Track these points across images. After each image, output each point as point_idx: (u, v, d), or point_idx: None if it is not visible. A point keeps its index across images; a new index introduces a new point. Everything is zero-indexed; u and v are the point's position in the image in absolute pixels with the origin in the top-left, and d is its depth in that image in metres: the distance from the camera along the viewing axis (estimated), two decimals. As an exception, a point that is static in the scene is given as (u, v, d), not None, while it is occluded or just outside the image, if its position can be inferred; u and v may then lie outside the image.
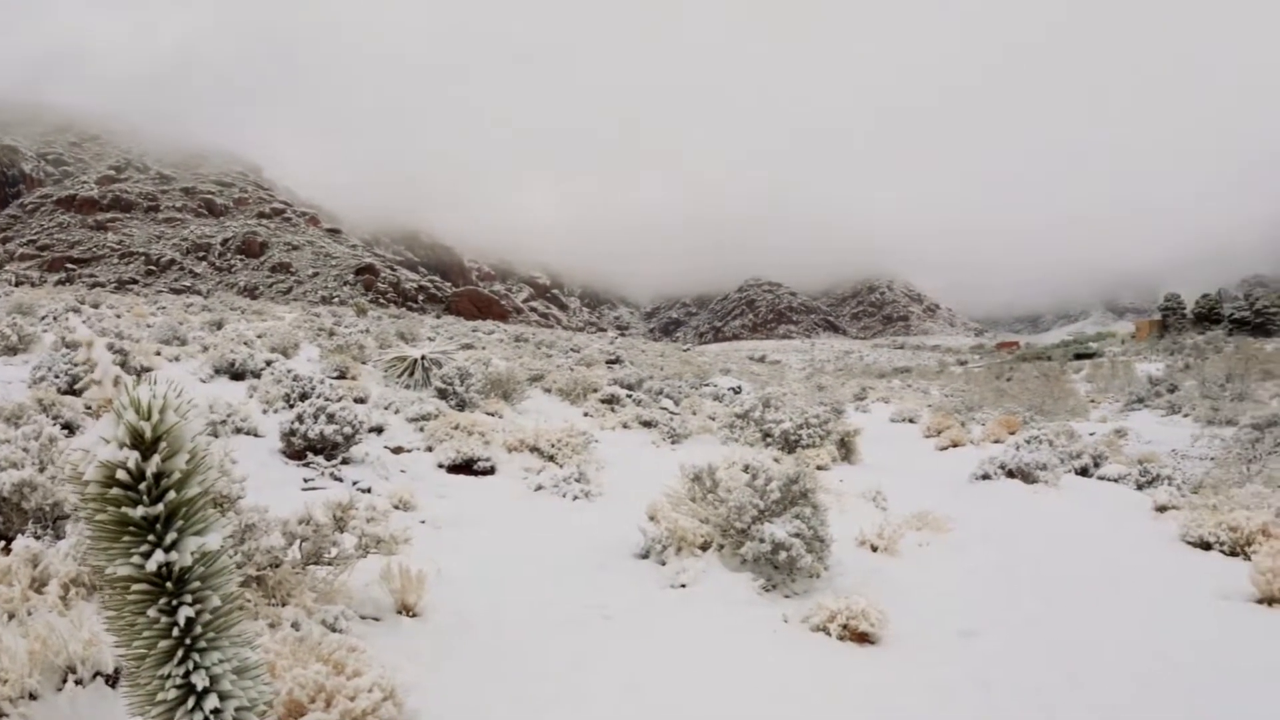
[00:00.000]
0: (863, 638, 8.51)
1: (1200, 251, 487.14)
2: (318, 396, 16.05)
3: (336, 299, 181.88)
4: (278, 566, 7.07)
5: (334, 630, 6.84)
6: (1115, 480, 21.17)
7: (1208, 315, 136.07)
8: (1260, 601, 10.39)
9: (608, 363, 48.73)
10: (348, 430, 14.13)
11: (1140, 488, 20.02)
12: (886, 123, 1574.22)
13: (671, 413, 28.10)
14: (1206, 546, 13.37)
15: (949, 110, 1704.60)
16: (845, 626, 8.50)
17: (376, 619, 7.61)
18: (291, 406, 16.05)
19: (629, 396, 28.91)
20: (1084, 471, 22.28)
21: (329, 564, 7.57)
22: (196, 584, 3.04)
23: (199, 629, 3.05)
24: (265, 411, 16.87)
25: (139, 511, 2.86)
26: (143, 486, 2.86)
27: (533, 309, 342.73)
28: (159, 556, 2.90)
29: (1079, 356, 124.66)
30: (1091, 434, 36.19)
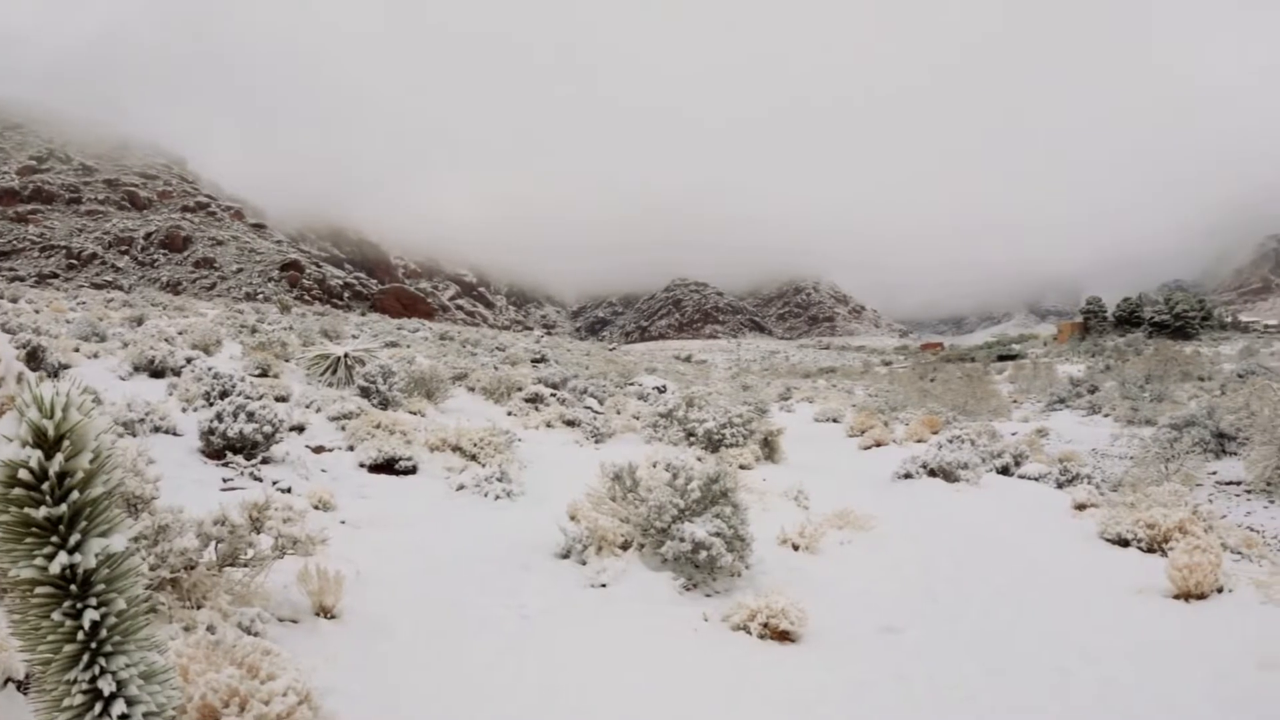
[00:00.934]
0: (783, 636, 8.58)
1: (1122, 257, 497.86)
2: (238, 394, 15.83)
3: (261, 295, 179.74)
4: (193, 569, 6.96)
5: (250, 633, 6.74)
6: (1036, 479, 21.53)
7: (1128, 318, 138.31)
8: (1176, 597, 10.62)
9: (533, 361, 48.62)
10: (268, 429, 13.97)
11: (1060, 486, 20.37)
12: (814, 124, 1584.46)
13: (595, 412, 28.17)
14: (1124, 543, 13.67)
15: (877, 113, 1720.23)
16: (766, 625, 8.57)
17: (294, 621, 7.53)
18: (211, 405, 15.80)
19: (553, 395, 28.89)
20: (1005, 470, 22.60)
21: (245, 566, 7.47)
22: (101, 587, 2.99)
23: (105, 633, 3.00)
24: (185, 410, 16.61)
25: (42, 512, 2.81)
26: (45, 486, 2.81)
27: (459, 307, 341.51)
28: (62, 558, 2.86)
29: (1002, 358, 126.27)
30: (1013, 433, 36.64)
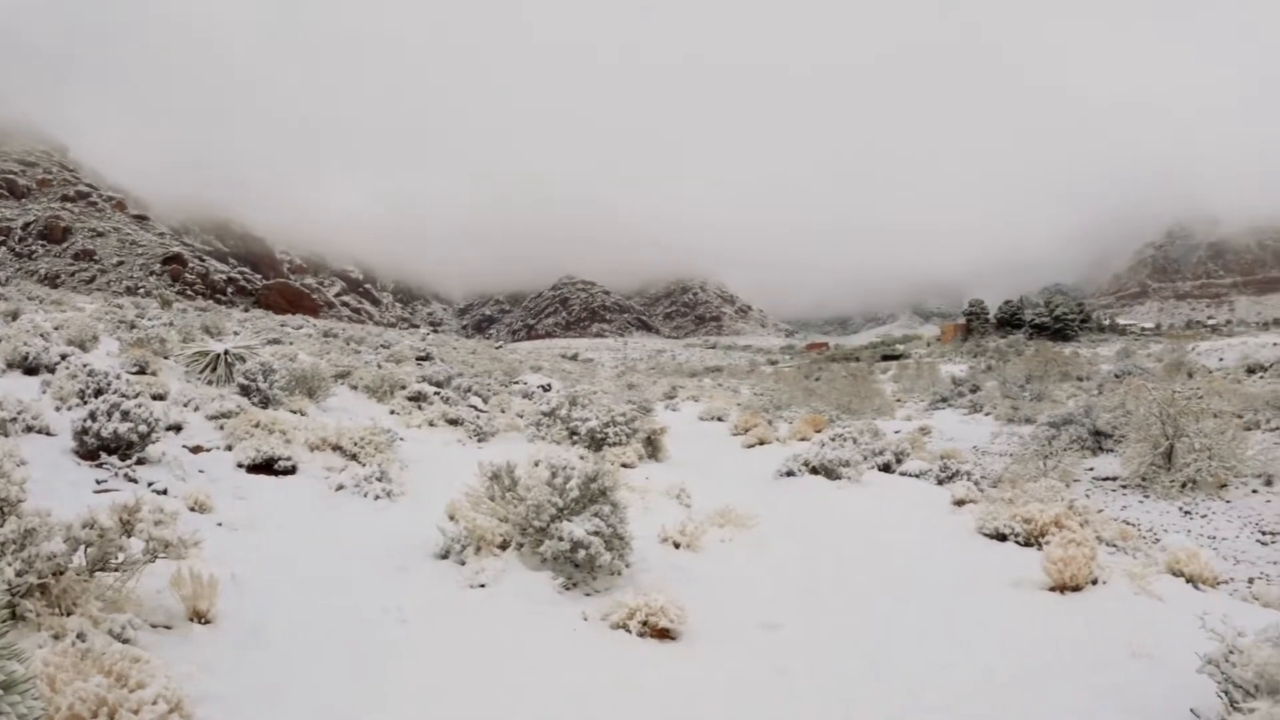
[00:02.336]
0: (663, 634, 8.58)
1: (1004, 261, 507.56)
2: (113, 392, 15.44)
3: (142, 289, 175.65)
4: (62, 574, 6.78)
5: (122, 640, 6.58)
6: (917, 476, 21.90)
7: (1010, 320, 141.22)
8: (1052, 589, 10.90)
9: (418, 359, 48.23)
10: (143, 428, 13.62)
11: (941, 483, 20.75)
12: (701, 127, 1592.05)
13: (479, 410, 28.03)
14: (1002, 538, 14.00)
15: (764, 116, 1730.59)
16: (645, 623, 8.56)
17: (168, 627, 7.35)
18: (86, 403, 15.45)
19: (437, 394, 28.68)
20: (887, 468, 22.94)
21: (116, 570, 7.32)
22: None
23: (-42, 641, 2.94)
24: (59, 409, 16.16)
25: None
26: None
27: (345, 303, 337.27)
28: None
29: (886, 358, 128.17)
30: (897, 432, 37.24)
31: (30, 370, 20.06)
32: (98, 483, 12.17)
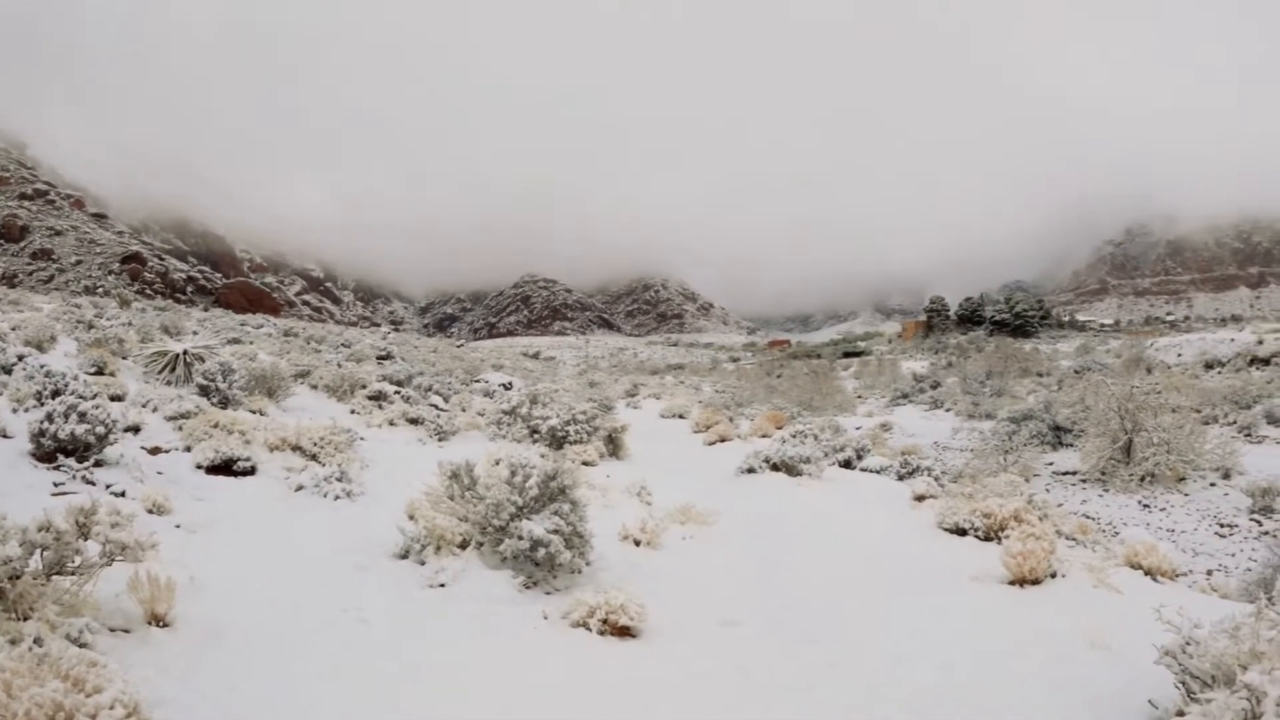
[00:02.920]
0: (623, 631, 8.58)
1: (965, 258, 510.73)
2: (70, 393, 15.33)
3: (101, 289, 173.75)
4: (18, 579, 6.75)
5: (80, 644, 6.53)
6: (877, 472, 22.02)
7: (970, 317, 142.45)
8: (1012, 583, 11.00)
9: (378, 358, 48.08)
10: (101, 430, 13.49)
11: (901, 478, 20.90)
12: (664, 125, 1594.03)
13: (440, 409, 27.91)
14: (962, 533, 14.11)
15: (724, 113, 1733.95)
16: (605, 621, 8.55)
17: (126, 631, 7.28)
18: (43, 404, 15.33)
19: (397, 393, 28.57)
20: (848, 464, 23.05)
21: (73, 574, 7.27)
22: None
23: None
24: (16, 410, 16.08)
25: None
26: None
27: (305, 302, 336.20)
28: None
29: (848, 355, 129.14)
30: (858, 428, 37.54)
31: (-13, 372, 19.89)
32: (55, 485, 12.06)
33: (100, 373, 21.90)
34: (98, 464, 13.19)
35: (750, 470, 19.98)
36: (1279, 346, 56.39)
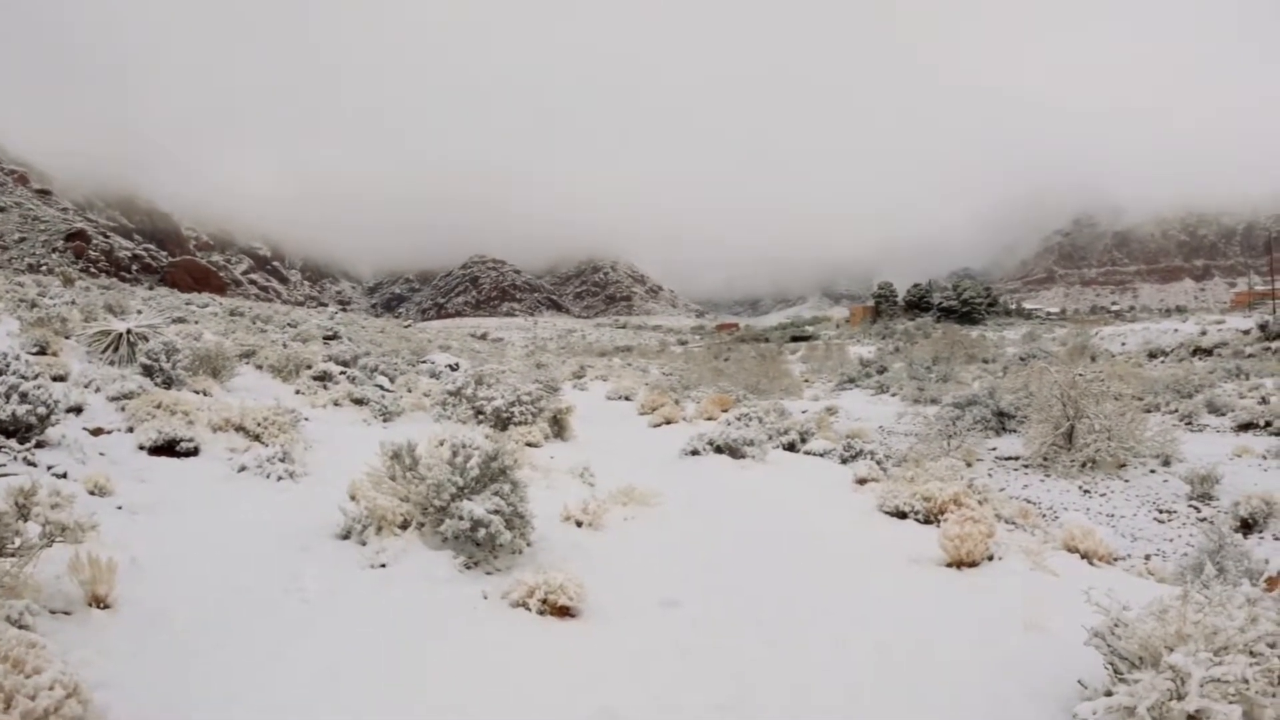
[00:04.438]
0: (563, 611, 8.61)
1: (914, 245, 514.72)
2: (11, 374, 15.21)
3: (44, 267, 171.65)
4: (-42, 560, 6.72)
5: (20, 626, 6.50)
6: (821, 455, 22.21)
7: (918, 303, 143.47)
8: (950, 565, 11.19)
9: (325, 338, 47.88)
10: (42, 411, 13.36)
11: (845, 462, 21.10)
12: (615, 106, 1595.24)
13: (385, 390, 27.83)
14: (902, 516, 14.29)
15: (677, 97, 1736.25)
16: (545, 601, 8.58)
17: (67, 613, 7.24)
18: (-17, 386, 15.17)
19: (343, 373, 28.48)
20: (791, 447, 23.23)
21: (13, 556, 7.23)
22: None
23: None
24: (-44, 392, 15.97)
25: None
26: None
27: (252, 281, 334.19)
28: None
29: (796, 339, 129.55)
30: (804, 412, 37.77)
31: (-74, 352, 19.67)
32: (-4, 467, 11.98)
33: (43, 352, 21.68)
34: (39, 445, 13.08)
35: (694, 452, 20.07)
36: (1221, 337, 57.21)
